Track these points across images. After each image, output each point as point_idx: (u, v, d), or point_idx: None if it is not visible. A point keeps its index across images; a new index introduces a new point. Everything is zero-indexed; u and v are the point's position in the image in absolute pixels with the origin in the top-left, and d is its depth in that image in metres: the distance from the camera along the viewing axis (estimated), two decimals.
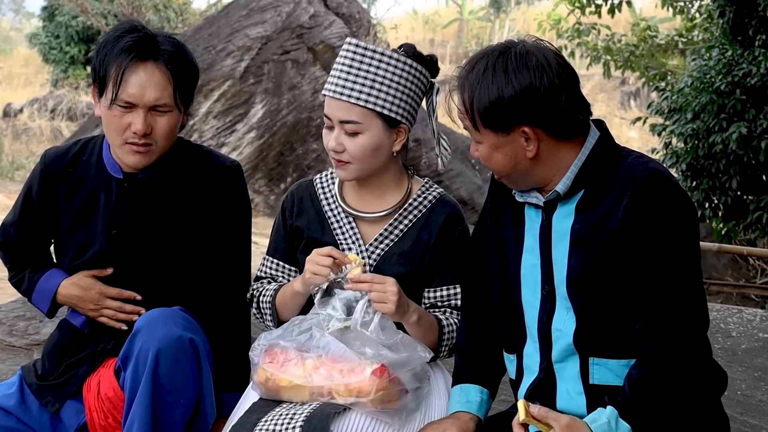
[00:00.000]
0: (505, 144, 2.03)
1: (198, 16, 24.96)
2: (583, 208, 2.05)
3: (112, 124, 2.41)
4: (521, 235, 2.16)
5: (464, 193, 14.75)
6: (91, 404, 2.47)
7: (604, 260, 2.00)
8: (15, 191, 16.06)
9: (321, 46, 14.87)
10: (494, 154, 2.06)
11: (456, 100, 2.07)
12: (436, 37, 40.69)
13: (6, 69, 32.30)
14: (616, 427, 1.94)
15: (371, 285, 2.20)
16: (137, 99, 2.37)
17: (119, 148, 2.44)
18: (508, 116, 1.99)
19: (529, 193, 2.13)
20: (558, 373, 2.11)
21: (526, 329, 2.16)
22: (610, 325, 2.04)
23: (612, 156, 2.07)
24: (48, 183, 2.56)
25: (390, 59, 2.30)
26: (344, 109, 2.30)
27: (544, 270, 2.10)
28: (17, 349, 4.22)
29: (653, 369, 1.97)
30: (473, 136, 2.07)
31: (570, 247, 2.05)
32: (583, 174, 2.06)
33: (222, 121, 14.46)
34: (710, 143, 9.35)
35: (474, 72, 2.03)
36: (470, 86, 2.02)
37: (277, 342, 2.24)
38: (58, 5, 24.34)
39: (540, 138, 2.02)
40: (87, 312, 2.55)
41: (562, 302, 2.08)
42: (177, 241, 2.51)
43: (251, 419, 2.16)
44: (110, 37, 2.42)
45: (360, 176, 2.37)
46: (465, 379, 2.29)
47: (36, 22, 31.81)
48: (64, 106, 22.57)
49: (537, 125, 2.00)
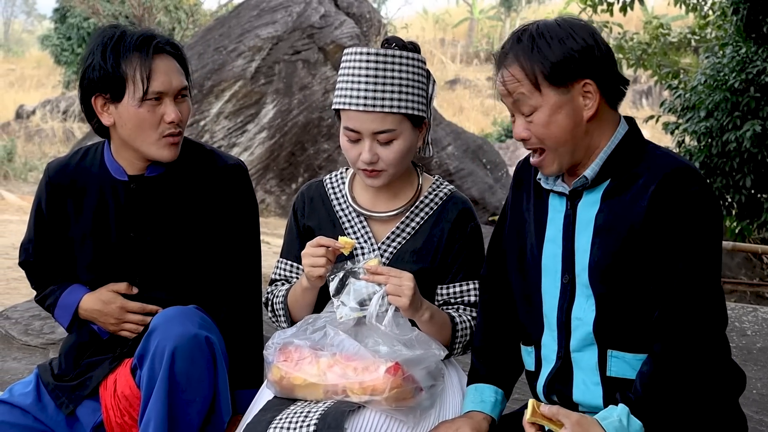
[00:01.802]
0: (566, 103, 2.04)
1: (209, 17, 25.03)
2: (609, 196, 2.07)
3: (146, 120, 2.42)
4: (543, 225, 2.17)
5: (475, 192, 14.74)
6: (107, 402, 2.48)
7: (628, 248, 2.01)
8: (28, 192, 16.13)
9: (332, 46, 14.88)
10: (555, 117, 2.04)
11: (508, 70, 2.06)
12: (446, 36, 40.68)
13: (18, 71, 32.46)
14: (628, 424, 1.93)
15: (387, 277, 2.20)
16: (167, 87, 2.41)
17: (155, 144, 2.45)
18: (572, 69, 2.02)
19: (555, 181, 2.15)
20: (575, 362, 2.11)
21: (544, 319, 2.16)
22: (629, 317, 2.04)
23: (641, 147, 2.09)
24: (55, 195, 2.57)
25: (403, 58, 2.29)
26: (377, 120, 2.27)
27: (565, 259, 2.11)
28: (33, 348, 4.24)
29: (664, 366, 1.96)
30: (528, 105, 2.05)
31: (593, 234, 2.06)
32: (611, 162, 2.08)
33: (233, 122, 14.49)
34: (724, 141, 9.32)
35: (524, 40, 2.05)
36: (527, 49, 2.03)
37: (291, 340, 2.24)
38: (69, 7, 24.46)
39: (598, 95, 2.04)
40: (108, 327, 2.55)
41: (583, 290, 2.08)
42: (187, 241, 2.52)
43: (266, 417, 2.16)
44: (107, 43, 2.41)
45: (391, 181, 2.37)
46: (480, 378, 2.29)
47: (48, 24, 31.94)
48: (76, 108, 22.64)
49: (596, 80, 2.04)
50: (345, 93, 2.29)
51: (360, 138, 2.30)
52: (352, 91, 2.28)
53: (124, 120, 2.43)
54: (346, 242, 2.26)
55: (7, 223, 12.51)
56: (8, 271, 8.61)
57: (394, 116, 2.28)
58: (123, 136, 2.46)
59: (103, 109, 2.45)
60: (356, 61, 2.29)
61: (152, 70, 2.39)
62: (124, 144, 2.48)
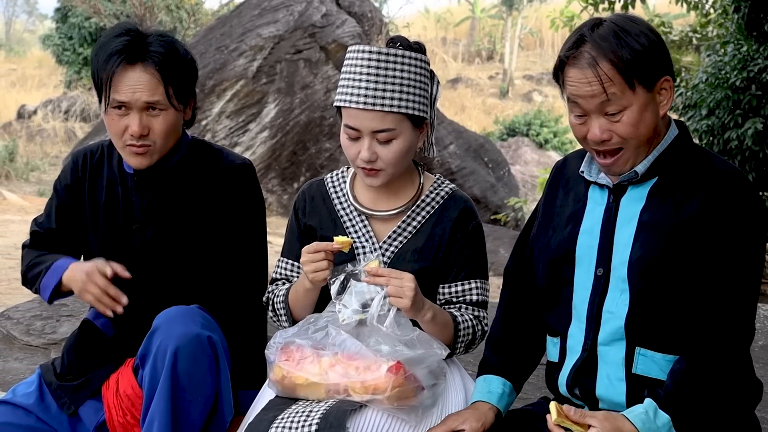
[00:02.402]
0: (651, 101, 2.03)
1: (210, 16, 25.03)
2: (657, 193, 2.07)
3: (111, 127, 2.46)
4: (580, 217, 2.17)
5: (477, 191, 14.75)
6: (109, 402, 2.48)
7: (672, 246, 2.01)
8: (30, 192, 16.14)
9: (333, 45, 14.88)
10: (644, 115, 2.02)
11: (601, 68, 1.98)
12: (448, 35, 40.67)
13: (20, 71, 32.47)
14: (655, 417, 1.94)
15: (388, 279, 2.20)
16: (128, 99, 2.40)
17: (121, 150, 2.49)
18: (658, 66, 2.02)
19: (598, 174, 2.15)
20: (601, 356, 2.10)
21: (573, 310, 2.16)
22: (663, 315, 2.04)
23: (691, 148, 2.10)
24: (78, 180, 2.62)
25: (405, 58, 2.29)
26: (377, 119, 2.28)
27: (601, 251, 2.11)
28: (34, 348, 4.25)
29: (698, 365, 1.97)
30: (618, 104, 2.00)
31: (637, 230, 2.06)
32: (662, 159, 2.08)
33: (235, 121, 14.49)
34: (726, 139, 9.31)
35: (610, 38, 1.99)
36: (615, 46, 1.98)
37: (292, 340, 2.24)
38: (71, 7, 24.44)
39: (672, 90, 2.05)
40: (76, 289, 2.44)
41: (618, 284, 2.07)
42: (192, 239, 2.53)
43: (268, 417, 2.16)
44: (102, 42, 2.45)
45: (390, 180, 2.37)
46: (490, 370, 2.30)
47: (49, 23, 31.94)
48: (78, 107, 22.67)
49: (671, 75, 2.04)
50: (346, 90, 2.30)
51: (360, 136, 2.30)
52: (353, 88, 2.28)
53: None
54: (343, 242, 2.26)
55: (9, 223, 12.51)
56: (10, 272, 8.62)
57: (394, 115, 2.27)
58: None
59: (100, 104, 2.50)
60: (358, 59, 2.29)
61: (114, 80, 2.39)
62: None
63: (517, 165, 20.18)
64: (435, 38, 38.73)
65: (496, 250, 10.84)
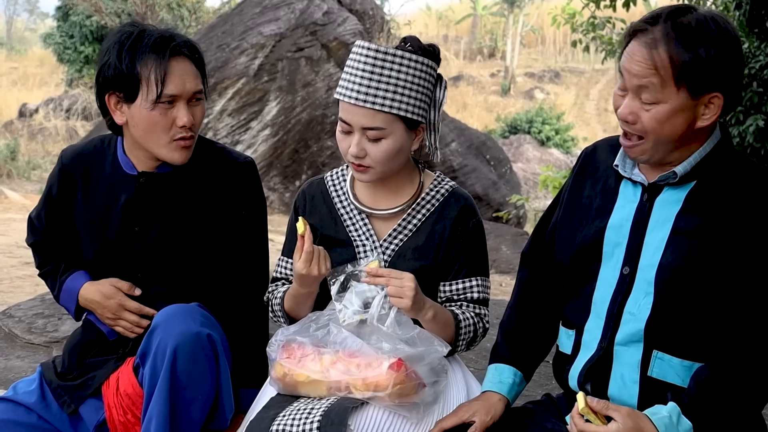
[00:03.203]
0: (689, 108, 1.95)
1: (211, 14, 25.01)
2: (695, 198, 2.02)
3: (158, 123, 2.41)
4: (608, 212, 2.13)
5: (479, 188, 14.74)
6: (110, 401, 2.48)
7: (706, 255, 1.97)
8: (32, 191, 16.14)
9: (335, 43, 14.87)
10: (674, 118, 1.96)
11: (651, 53, 1.93)
12: (449, 33, 40.66)
13: (21, 69, 32.47)
14: (678, 422, 1.92)
15: (388, 279, 2.20)
16: (180, 91, 2.40)
17: (165, 146, 2.45)
18: (715, 79, 1.93)
19: (632, 169, 2.11)
20: (616, 356, 2.07)
21: (592, 306, 2.13)
22: (686, 321, 2.01)
23: (732, 155, 2.05)
24: (66, 182, 2.58)
25: (405, 60, 2.29)
26: (368, 116, 2.28)
27: (629, 250, 2.07)
28: (36, 346, 4.25)
29: (727, 375, 1.95)
30: (652, 95, 1.95)
31: (671, 233, 2.02)
32: (703, 164, 2.03)
33: (236, 119, 14.49)
34: None
35: (684, 29, 1.92)
36: (682, 41, 1.91)
37: (294, 337, 2.24)
38: (72, 5, 24.43)
39: (719, 109, 1.97)
40: (104, 319, 2.56)
41: (643, 286, 2.04)
42: (194, 237, 2.52)
43: (269, 414, 2.16)
44: (124, 42, 2.40)
45: (380, 178, 2.37)
46: (501, 359, 2.30)
47: (50, 22, 31.95)
48: (79, 106, 22.66)
49: (726, 95, 1.96)
50: (342, 84, 2.32)
51: (351, 131, 2.31)
52: (349, 83, 2.29)
53: (136, 121, 2.43)
54: (299, 226, 2.26)
55: (11, 221, 12.52)
56: (12, 270, 8.61)
57: (385, 115, 2.27)
58: (135, 136, 2.47)
59: (116, 107, 2.45)
60: (358, 54, 2.30)
61: (167, 73, 2.39)
62: (136, 143, 2.49)
63: (518, 162, 20.18)
64: (436, 35, 38.70)
65: (498, 247, 10.83)
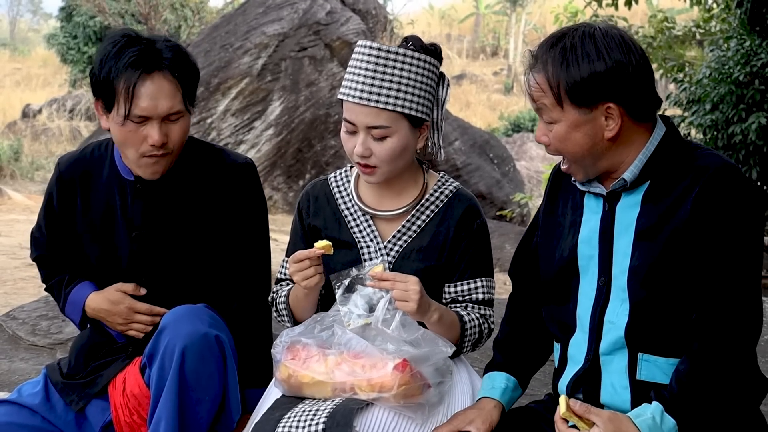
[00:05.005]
0: (586, 122, 2.01)
1: (215, 14, 25.03)
2: (650, 198, 2.04)
3: (128, 139, 2.39)
4: (578, 227, 2.15)
5: (483, 187, 14.74)
6: (116, 401, 2.48)
7: (670, 252, 1.99)
8: (35, 191, 16.16)
9: (338, 43, 14.88)
10: (573, 134, 2.02)
11: (535, 77, 2.03)
12: (452, 31, 40.66)
13: (24, 70, 32.51)
14: (661, 422, 1.92)
15: (393, 283, 2.20)
16: (151, 112, 2.35)
17: (136, 161, 2.43)
18: (597, 92, 1.98)
19: (591, 183, 2.12)
20: (604, 365, 2.09)
21: (576, 320, 2.14)
22: (664, 321, 2.01)
23: (681, 147, 2.06)
24: (65, 190, 2.57)
25: (408, 58, 2.29)
26: (372, 115, 2.28)
27: (602, 260, 2.09)
28: (40, 348, 4.25)
29: (701, 365, 1.95)
30: (548, 115, 2.04)
31: (635, 238, 2.03)
32: (651, 164, 2.04)
33: (240, 119, 14.50)
34: (729, 134, 9.30)
35: (558, 48, 2.00)
36: (556, 62, 1.99)
37: (298, 339, 2.24)
38: (75, 5, 24.47)
39: (622, 117, 2.00)
40: (115, 327, 2.56)
41: (618, 294, 2.06)
42: (195, 240, 2.52)
43: (274, 416, 2.16)
44: (109, 51, 2.37)
45: (387, 178, 2.36)
46: (494, 367, 2.30)
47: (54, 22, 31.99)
48: (83, 106, 22.68)
49: (621, 103, 1.99)
50: (346, 83, 2.32)
51: (356, 130, 2.31)
52: (352, 83, 2.29)
53: (113, 131, 2.42)
54: (324, 245, 2.25)
55: (14, 222, 12.54)
56: (15, 271, 8.62)
57: (389, 113, 2.28)
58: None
59: (102, 112, 2.44)
60: (361, 54, 2.31)
61: (136, 93, 2.33)
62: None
63: (522, 161, 20.16)
64: (439, 34, 38.69)
65: (502, 246, 10.83)
